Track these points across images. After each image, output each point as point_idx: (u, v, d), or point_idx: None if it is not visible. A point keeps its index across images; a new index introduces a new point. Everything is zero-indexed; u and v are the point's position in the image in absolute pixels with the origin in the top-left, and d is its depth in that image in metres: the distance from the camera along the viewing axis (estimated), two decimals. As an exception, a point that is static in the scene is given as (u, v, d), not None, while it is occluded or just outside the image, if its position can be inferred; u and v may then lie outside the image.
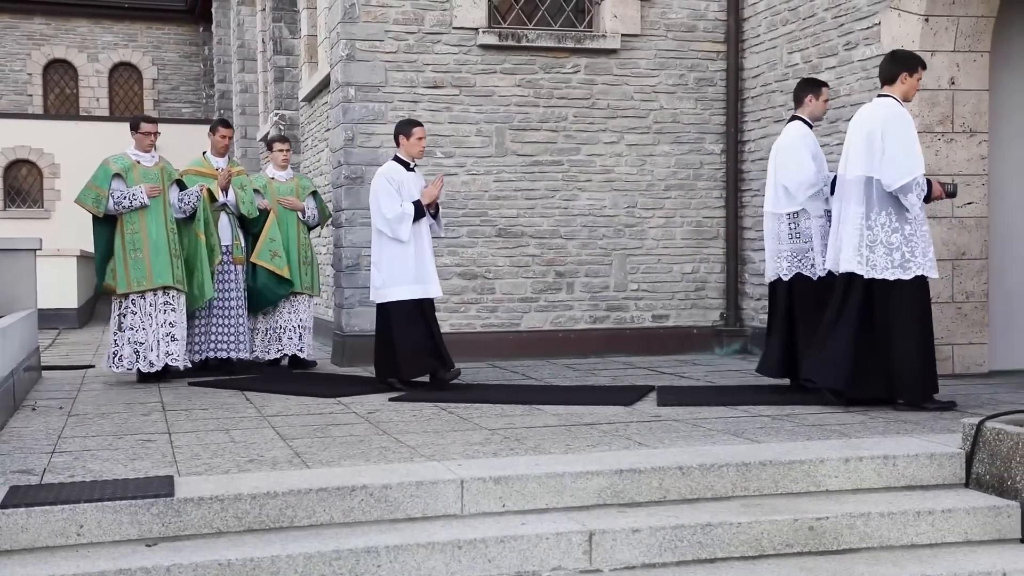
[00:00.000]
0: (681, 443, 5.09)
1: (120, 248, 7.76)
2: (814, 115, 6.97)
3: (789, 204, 6.79)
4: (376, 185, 7.33)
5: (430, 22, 9.32)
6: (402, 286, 7.26)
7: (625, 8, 9.69)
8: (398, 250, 7.26)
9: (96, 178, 7.81)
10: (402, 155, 7.45)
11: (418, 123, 7.53)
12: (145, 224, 7.77)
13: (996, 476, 4.63)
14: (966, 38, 7.59)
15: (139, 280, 7.72)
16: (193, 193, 8.04)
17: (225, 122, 8.87)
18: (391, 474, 4.40)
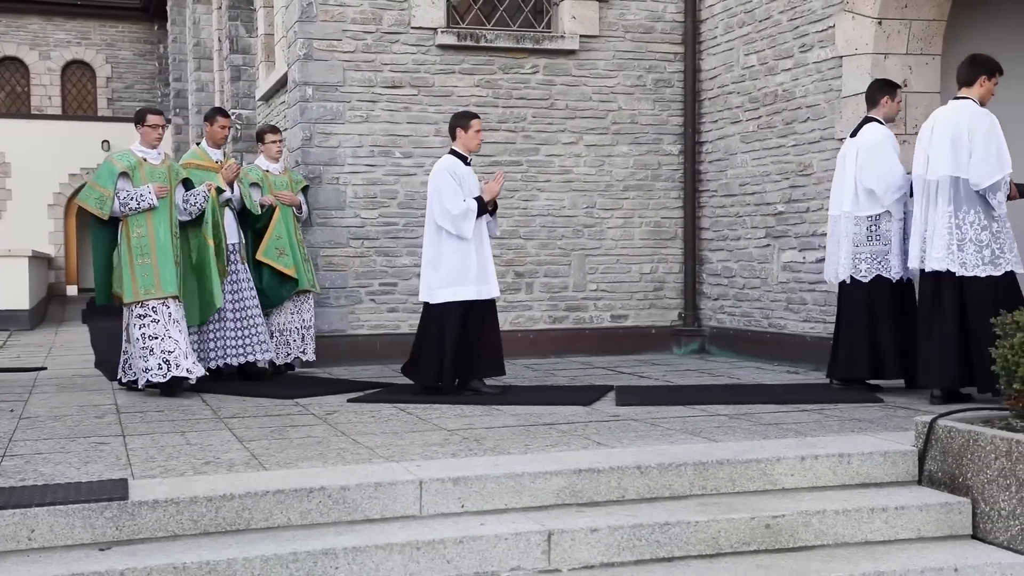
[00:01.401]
0: (639, 443, 5.11)
1: (126, 253, 7.08)
2: (888, 116, 7.01)
3: (872, 207, 6.82)
4: (438, 180, 6.88)
5: (388, 22, 9.29)
6: (462, 286, 6.84)
7: (583, 9, 9.72)
8: (459, 249, 6.85)
9: (99, 177, 7.16)
10: (459, 148, 7.03)
11: (475, 115, 7.14)
12: (153, 227, 7.11)
13: (948, 473, 4.69)
14: (918, 41, 7.70)
15: (147, 288, 7.03)
16: (200, 193, 7.39)
17: (223, 111, 8.15)
18: (349, 475, 4.37)
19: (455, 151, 7.05)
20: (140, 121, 7.32)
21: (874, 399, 6.50)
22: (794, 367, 8.47)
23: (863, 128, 6.96)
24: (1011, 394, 4.61)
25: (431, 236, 6.97)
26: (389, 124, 9.29)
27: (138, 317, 7.06)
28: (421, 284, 7.06)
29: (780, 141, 8.80)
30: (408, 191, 9.35)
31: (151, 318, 7.04)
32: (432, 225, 6.96)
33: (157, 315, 7.04)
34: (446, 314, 6.87)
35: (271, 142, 8.39)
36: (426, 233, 7.04)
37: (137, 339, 7.04)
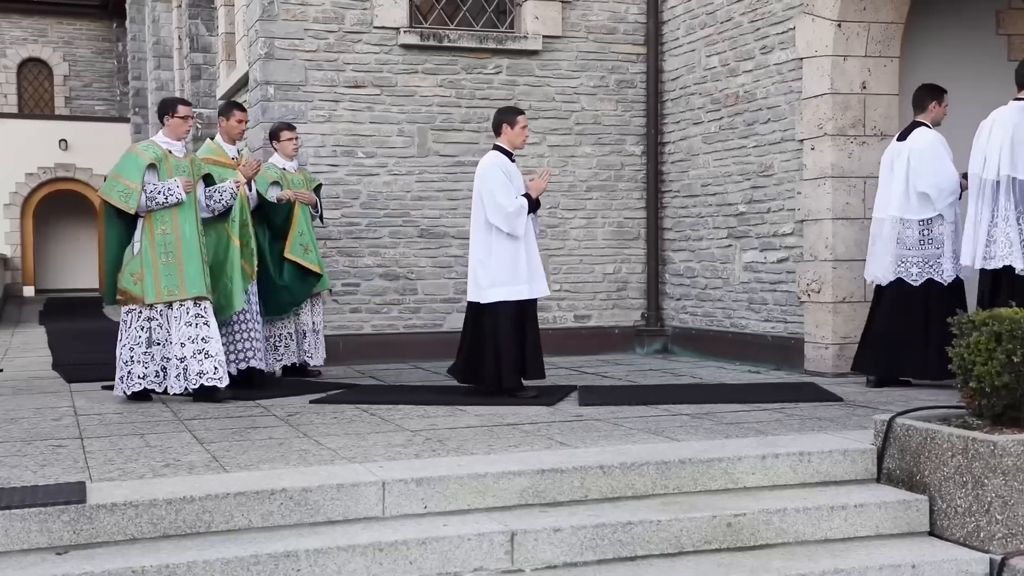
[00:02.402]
0: (602, 442, 5.12)
1: (148, 251, 6.64)
2: (936, 120, 7.07)
3: (924, 210, 6.87)
4: (490, 177, 6.71)
5: (351, 21, 9.25)
6: (513, 285, 6.68)
7: (546, 10, 9.73)
8: (510, 246, 6.69)
9: (123, 169, 6.69)
10: (504, 144, 6.87)
11: (521, 111, 6.98)
12: (178, 224, 6.69)
13: (906, 471, 4.75)
14: (877, 43, 7.79)
15: (171, 289, 6.62)
16: (227, 190, 7.00)
17: (240, 105, 7.68)
18: (311, 477, 4.35)
19: (500, 147, 6.91)
20: (168, 112, 6.89)
21: (834, 398, 6.56)
22: (756, 367, 8.53)
23: (912, 132, 7.01)
24: (967, 392, 4.67)
25: (481, 234, 6.77)
26: (352, 124, 9.25)
27: (147, 320, 6.67)
28: (470, 284, 6.87)
29: (742, 142, 8.86)
30: (371, 191, 9.31)
31: (157, 322, 6.68)
32: (482, 223, 6.76)
33: (162, 318, 6.66)
34: (500, 314, 6.71)
35: (287, 139, 8.09)
36: (475, 231, 6.84)
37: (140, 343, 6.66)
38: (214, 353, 6.69)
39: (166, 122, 6.89)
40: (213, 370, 6.67)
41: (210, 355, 6.69)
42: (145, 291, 6.64)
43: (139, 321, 6.69)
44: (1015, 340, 4.43)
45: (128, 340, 6.72)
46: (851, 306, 7.84)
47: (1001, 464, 4.28)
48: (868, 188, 7.86)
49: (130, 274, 6.68)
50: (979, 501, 4.35)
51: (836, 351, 7.81)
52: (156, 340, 6.67)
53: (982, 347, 4.51)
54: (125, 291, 6.70)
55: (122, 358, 6.73)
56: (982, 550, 4.33)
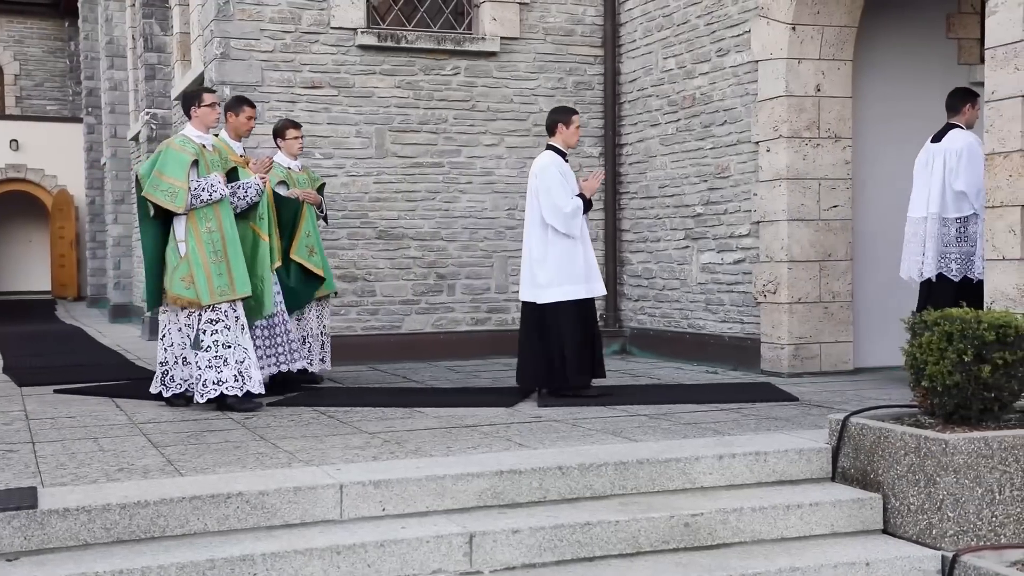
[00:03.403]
0: (561, 443, 5.13)
1: (197, 251, 6.30)
2: (969, 123, 7.12)
3: (961, 209, 6.93)
4: (547, 177, 6.67)
5: (307, 21, 9.19)
6: (571, 285, 6.65)
7: (504, 11, 9.74)
8: (567, 246, 6.67)
9: (166, 167, 6.32)
10: (558, 144, 6.83)
11: (576, 111, 6.97)
12: (221, 221, 6.38)
13: (860, 470, 4.81)
14: (830, 47, 7.88)
15: (223, 289, 6.31)
16: (252, 185, 6.73)
17: (249, 100, 7.39)
18: (268, 480, 4.31)
19: (554, 147, 6.87)
20: (195, 102, 6.56)
21: (789, 398, 6.62)
22: (713, 367, 8.59)
23: (947, 134, 7.07)
24: (919, 391, 4.73)
25: (537, 234, 6.73)
26: (309, 125, 9.18)
27: (209, 322, 6.31)
28: (526, 284, 6.83)
29: (698, 144, 8.92)
30: (328, 192, 9.23)
31: (223, 323, 6.34)
32: (538, 223, 6.73)
33: (228, 320, 6.36)
34: (561, 313, 6.69)
35: (292, 138, 7.79)
36: (530, 231, 6.79)
37: (209, 347, 6.29)
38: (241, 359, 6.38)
39: (193, 113, 6.55)
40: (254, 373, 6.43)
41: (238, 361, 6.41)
42: (200, 293, 6.27)
43: (200, 324, 6.33)
44: (966, 340, 4.50)
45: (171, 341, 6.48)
46: (806, 307, 7.93)
47: (952, 462, 4.35)
48: (823, 189, 7.95)
49: (180, 279, 6.31)
50: (931, 499, 4.41)
51: (792, 351, 7.89)
52: (227, 343, 6.33)
53: (934, 347, 4.57)
54: (178, 298, 6.32)
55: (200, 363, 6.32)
56: (934, 547, 4.39)
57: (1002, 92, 5.96)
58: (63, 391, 7.46)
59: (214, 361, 6.30)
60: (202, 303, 6.28)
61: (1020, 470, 4.43)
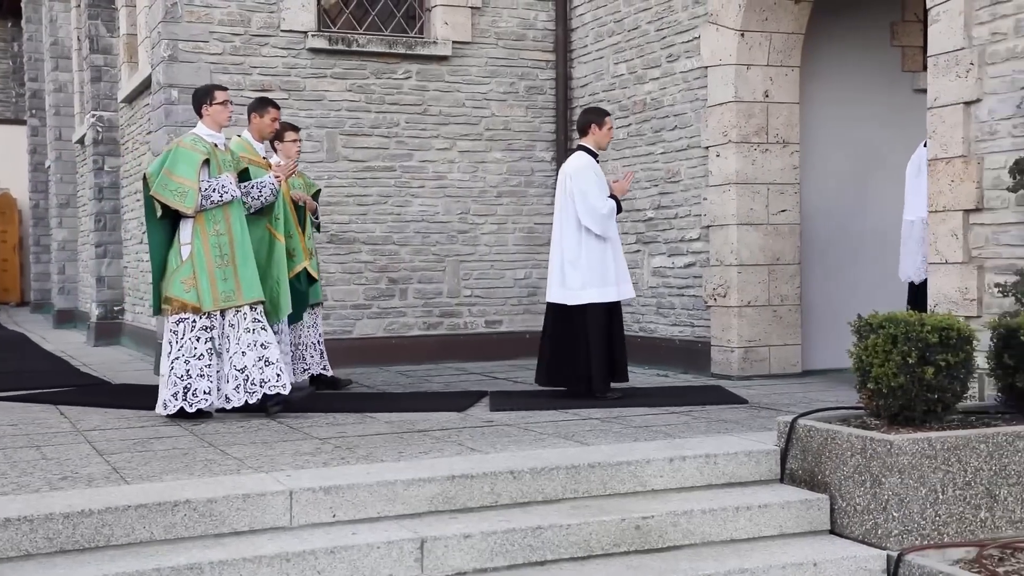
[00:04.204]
0: (513, 447, 5.13)
1: (202, 254, 6.08)
2: None
3: None
4: (583, 178, 6.68)
5: (257, 24, 9.12)
6: (603, 287, 6.67)
7: (456, 16, 9.73)
8: (600, 248, 6.69)
9: (176, 166, 6.08)
10: (590, 145, 6.86)
11: (608, 112, 7.01)
12: (231, 223, 6.17)
13: (808, 471, 4.86)
14: (778, 53, 7.98)
15: (228, 295, 6.11)
16: (267, 185, 6.46)
17: (273, 102, 7.12)
18: (216, 487, 4.26)
19: (586, 147, 6.87)
20: (205, 99, 6.33)
21: (739, 400, 6.69)
22: (664, 370, 8.64)
23: None
24: (865, 393, 4.80)
25: (572, 235, 6.72)
26: (258, 128, 9.09)
27: (203, 329, 6.10)
28: (557, 285, 6.78)
29: (649, 149, 8.98)
30: (279, 196, 9.17)
31: (217, 330, 6.14)
32: (574, 224, 6.73)
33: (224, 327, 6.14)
34: (591, 316, 6.69)
35: (291, 141, 7.56)
36: (565, 232, 6.76)
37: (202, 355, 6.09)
38: (275, 359, 6.21)
39: (204, 112, 6.32)
40: (276, 377, 6.19)
41: (271, 362, 6.19)
42: (201, 298, 6.06)
43: (194, 331, 6.09)
44: (910, 342, 4.57)
45: (184, 353, 6.09)
46: (755, 310, 8.01)
47: (897, 463, 4.41)
48: (771, 194, 8.04)
49: (181, 281, 6.09)
50: (877, 499, 4.48)
51: (741, 354, 7.96)
52: (217, 351, 6.14)
53: (879, 349, 4.64)
54: (175, 300, 6.10)
55: (175, 372, 6.09)
56: (880, 547, 4.45)
57: (944, 99, 6.07)
58: (5, 398, 7.32)
59: (206, 370, 6.11)
60: (203, 308, 6.06)
61: (962, 470, 4.51)
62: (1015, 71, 5.65)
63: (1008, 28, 5.69)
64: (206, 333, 6.12)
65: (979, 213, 5.90)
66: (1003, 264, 5.75)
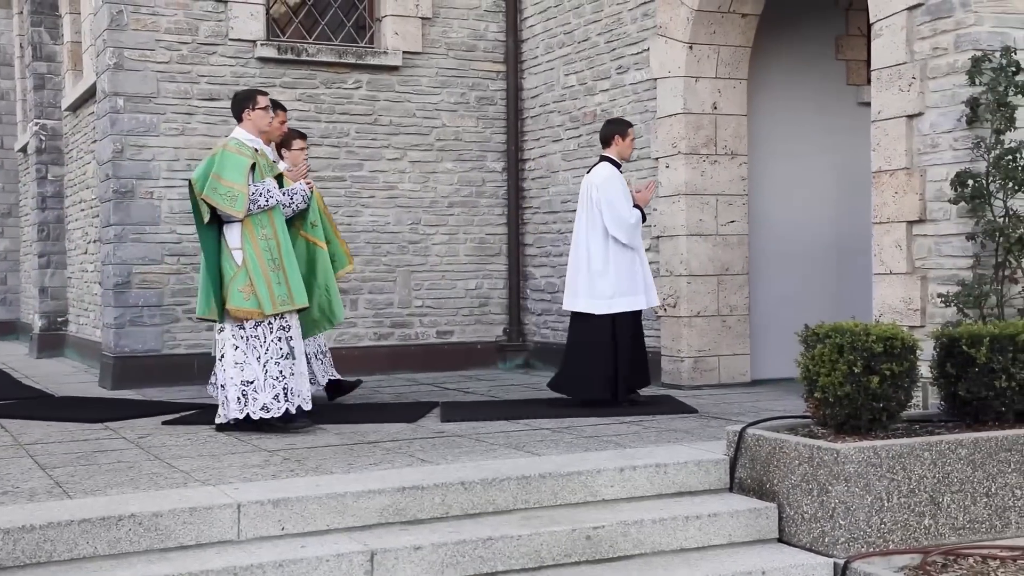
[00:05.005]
0: (464, 458, 5.12)
1: (255, 259, 6.00)
2: None
3: None
4: (612, 189, 6.78)
5: (205, 32, 9.03)
6: (632, 296, 6.80)
7: (406, 26, 9.72)
8: (628, 257, 6.81)
9: (225, 170, 5.99)
10: (613, 156, 6.95)
11: (631, 123, 7.11)
12: (277, 228, 6.12)
13: (756, 480, 4.90)
14: (726, 66, 8.07)
15: (283, 299, 6.03)
16: (298, 191, 6.37)
17: (281, 105, 7.09)
18: (162, 501, 4.20)
19: (609, 158, 6.96)
20: (248, 105, 6.25)
21: (689, 410, 6.73)
22: (614, 380, 8.66)
23: None
24: (812, 402, 4.85)
25: (599, 244, 6.82)
26: (207, 137, 9.02)
27: (282, 329, 6.06)
28: (582, 295, 6.87)
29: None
30: (227, 206, 9.09)
31: (287, 334, 6.08)
32: (600, 234, 6.82)
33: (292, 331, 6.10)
34: (619, 325, 6.78)
35: (298, 149, 7.36)
36: (589, 242, 6.85)
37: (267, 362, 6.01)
38: (301, 372, 6.15)
39: (246, 116, 6.24)
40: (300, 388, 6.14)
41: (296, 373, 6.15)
42: (262, 303, 5.97)
43: (275, 332, 6.04)
44: (856, 352, 4.63)
45: (273, 354, 6.03)
46: (705, 320, 8.07)
47: (844, 471, 4.47)
48: (720, 205, 8.12)
49: (238, 290, 6.00)
50: (824, 507, 4.53)
51: (691, 364, 8.02)
52: (287, 353, 6.04)
53: (826, 359, 4.70)
54: (237, 310, 6.00)
55: (270, 374, 6.00)
56: (827, 555, 4.50)
57: (887, 112, 6.18)
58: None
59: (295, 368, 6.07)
60: (264, 313, 5.99)
61: (907, 478, 4.57)
62: (955, 85, 5.77)
63: (948, 43, 5.81)
64: (284, 333, 6.07)
65: (922, 224, 6.01)
66: (945, 274, 5.86)
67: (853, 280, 8.43)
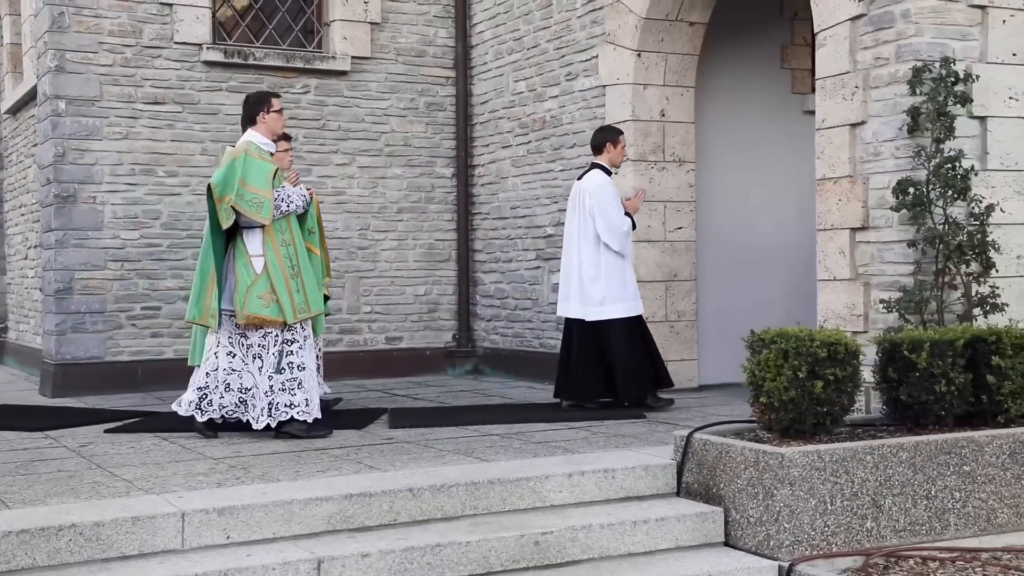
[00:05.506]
0: (412, 465, 5.10)
1: (276, 266, 5.91)
2: None
3: None
4: (605, 196, 6.90)
5: (149, 35, 8.91)
6: (624, 302, 6.93)
7: (354, 31, 9.68)
8: (618, 264, 6.93)
9: (249, 176, 5.89)
10: (604, 163, 7.07)
11: (621, 131, 7.22)
12: (295, 235, 6.09)
13: (703, 484, 4.94)
14: (674, 73, 8.14)
15: (301, 307, 5.98)
16: (300, 195, 6.23)
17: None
18: (104, 510, 4.13)
19: (601, 165, 7.04)
20: (262, 107, 6.13)
21: (637, 415, 6.77)
22: (563, 386, 8.68)
23: None
24: (758, 407, 4.91)
25: (591, 252, 6.92)
26: (151, 142, 8.91)
27: (286, 343, 5.97)
28: (574, 300, 6.97)
29: (549, 166, 9.06)
30: (172, 211, 8.99)
31: (299, 343, 6.00)
32: (591, 241, 6.93)
33: (302, 340, 6.02)
34: (617, 330, 6.88)
35: (283, 151, 7.03)
36: (581, 249, 6.97)
37: (283, 369, 5.94)
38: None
39: (260, 119, 6.12)
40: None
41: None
42: (284, 311, 5.88)
43: (277, 345, 5.96)
44: (800, 357, 4.69)
45: (268, 367, 5.96)
46: (653, 326, 8.10)
47: (788, 475, 4.52)
48: (668, 212, 8.18)
49: (258, 297, 5.87)
50: (769, 511, 4.57)
51: (639, 369, 8.06)
52: (299, 365, 5.98)
53: (771, 364, 4.75)
54: (255, 317, 5.88)
55: (274, 386, 5.94)
56: (772, 558, 4.55)
57: (831, 120, 6.27)
58: None
59: (288, 383, 5.96)
60: (287, 321, 5.91)
61: (850, 481, 4.64)
62: (897, 95, 5.87)
63: (890, 53, 5.92)
64: (288, 346, 5.99)
65: (865, 231, 6.10)
66: (887, 281, 5.96)
67: (800, 286, 8.54)
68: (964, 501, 4.87)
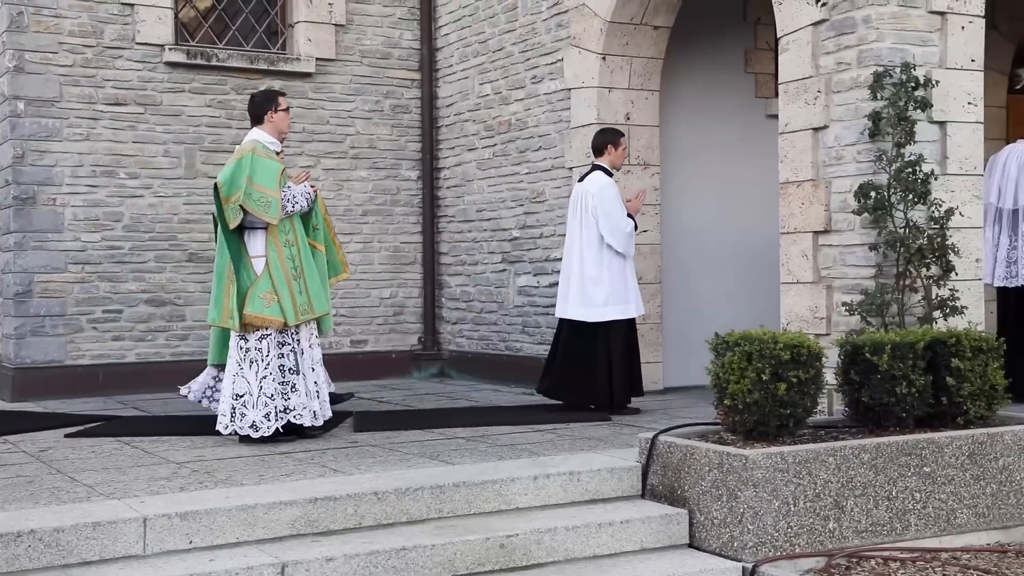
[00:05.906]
0: (378, 468, 5.08)
1: (279, 267, 5.87)
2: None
3: None
4: (608, 197, 6.89)
5: (110, 36, 8.82)
6: (626, 304, 6.91)
7: (319, 32, 9.64)
8: (620, 266, 6.92)
9: (257, 174, 5.82)
10: (606, 164, 7.07)
11: (622, 133, 7.23)
12: (298, 235, 6.04)
13: (668, 486, 4.96)
14: (639, 77, 8.18)
15: (304, 308, 5.95)
16: (302, 193, 6.12)
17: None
18: (64, 516, 4.08)
19: (602, 167, 7.05)
20: (270, 106, 6.08)
21: (603, 418, 6.78)
22: (530, 389, 8.67)
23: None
24: (722, 409, 4.93)
25: (593, 252, 6.92)
26: (112, 143, 8.82)
27: (280, 345, 5.92)
28: (574, 302, 6.92)
29: (515, 169, 9.07)
30: (134, 213, 8.90)
31: (290, 347, 5.95)
32: (595, 242, 6.92)
33: (302, 343, 5.99)
34: (612, 332, 6.87)
35: None
36: (584, 250, 6.95)
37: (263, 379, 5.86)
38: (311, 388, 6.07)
39: (268, 118, 6.06)
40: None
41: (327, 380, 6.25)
42: (285, 313, 5.82)
43: (279, 348, 5.91)
44: (764, 360, 4.73)
45: (271, 371, 5.87)
46: (618, 328, 8.14)
47: (752, 477, 4.55)
48: (633, 215, 8.20)
49: (259, 296, 5.81)
50: (733, 513, 4.60)
51: (604, 372, 8.07)
52: (292, 368, 5.93)
53: (735, 366, 4.78)
54: (256, 317, 5.80)
55: (265, 392, 5.83)
56: (735, 559, 4.58)
57: (794, 124, 6.33)
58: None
59: (300, 385, 5.95)
60: (288, 323, 5.85)
61: (812, 483, 4.68)
62: (859, 99, 5.94)
63: (852, 58, 5.98)
64: (288, 348, 5.94)
65: (827, 235, 6.16)
66: (849, 284, 6.01)
67: (764, 289, 8.60)
68: (924, 502, 4.93)
